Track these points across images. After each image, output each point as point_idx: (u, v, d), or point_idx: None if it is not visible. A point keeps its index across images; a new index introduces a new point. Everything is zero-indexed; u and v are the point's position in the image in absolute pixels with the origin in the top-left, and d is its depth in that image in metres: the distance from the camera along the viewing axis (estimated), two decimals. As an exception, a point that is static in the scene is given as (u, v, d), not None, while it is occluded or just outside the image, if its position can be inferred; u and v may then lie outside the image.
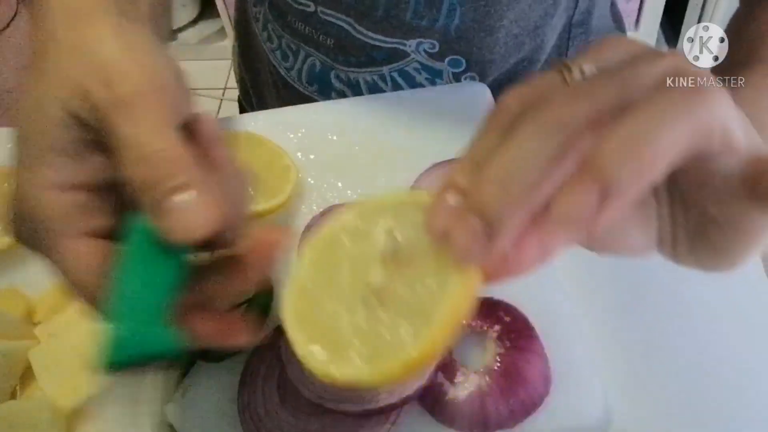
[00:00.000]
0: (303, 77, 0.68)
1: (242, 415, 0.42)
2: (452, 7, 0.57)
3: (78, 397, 0.42)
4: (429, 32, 0.59)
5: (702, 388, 0.45)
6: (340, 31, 0.61)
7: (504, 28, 0.59)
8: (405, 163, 0.54)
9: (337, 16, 0.60)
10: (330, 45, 0.63)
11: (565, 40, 0.65)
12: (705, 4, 1.86)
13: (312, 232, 0.50)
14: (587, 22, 0.65)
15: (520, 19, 0.60)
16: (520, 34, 0.61)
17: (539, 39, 0.62)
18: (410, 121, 0.58)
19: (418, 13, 0.58)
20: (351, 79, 0.65)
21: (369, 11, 0.58)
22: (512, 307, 0.45)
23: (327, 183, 0.54)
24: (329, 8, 0.60)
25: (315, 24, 0.62)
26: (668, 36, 2.08)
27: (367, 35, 0.60)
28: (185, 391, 0.44)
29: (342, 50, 0.63)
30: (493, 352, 0.43)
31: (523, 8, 0.59)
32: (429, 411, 0.42)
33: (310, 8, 0.61)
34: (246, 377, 0.43)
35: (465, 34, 0.59)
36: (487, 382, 0.41)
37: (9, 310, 0.47)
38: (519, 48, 0.62)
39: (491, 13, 0.58)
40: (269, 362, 0.43)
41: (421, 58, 0.61)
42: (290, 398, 0.42)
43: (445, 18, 0.58)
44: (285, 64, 0.69)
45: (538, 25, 0.61)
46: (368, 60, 0.63)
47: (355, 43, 0.61)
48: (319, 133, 0.57)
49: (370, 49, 0.62)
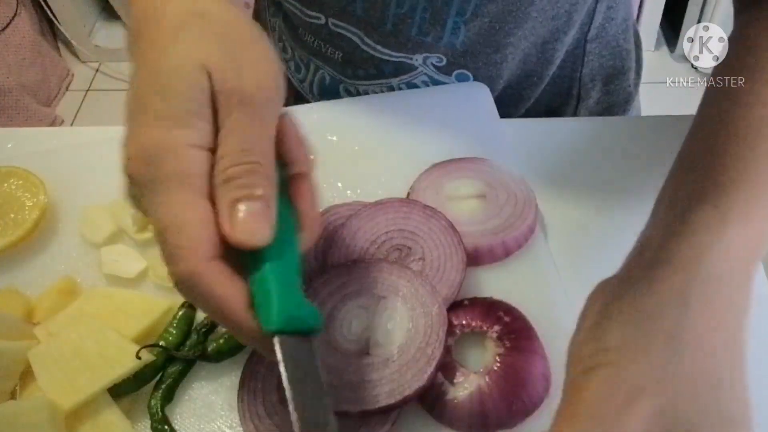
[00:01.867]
0: (314, 89, 0.68)
1: (242, 415, 0.42)
2: (456, 26, 0.57)
3: (78, 397, 0.42)
4: (434, 48, 0.59)
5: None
6: (349, 44, 0.61)
7: (512, 45, 0.59)
8: (405, 163, 0.54)
9: (347, 29, 0.60)
10: (338, 59, 0.63)
11: (581, 56, 0.65)
12: (705, 4, 1.86)
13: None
14: (602, 36, 0.65)
15: (530, 35, 0.59)
16: (529, 50, 0.61)
17: (549, 54, 0.62)
18: (410, 121, 0.58)
19: (423, 29, 0.58)
20: (360, 92, 0.65)
21: (378, 24, 0.58)
22: (512, 308, 0.45)
23: (327, 183, 0.54)
24: (340, 20, 0.60)
25: (324, 36, 0.62)
26: (668, 36, 2.08)
27: (375, 48, 0.60)
28: (185, 391, 0.44)
29: (350, 63, 0.63)
30: (493, 352, 0.43)
31: (534, 25, 0.58)
32: (429, 411, 0.42)
33: (320, 20, 0.61)
34: (246, 377, 0.43)
35: (471, 49, 0.59)
36: (487, 383, 0.41)
37: (9, 310, 0.47)
38: (528, 64, 0.62)
39: (497, 30, 0.57)
40: (269, 362, 0.43)
41: (428, 71, 0.61)
42: (290, 398, 0.42)
43: (450, 35, 0.58)
44: (298, 76, 0.69)
45: (548, 41, 0.61)
46: (377, 73, 0.63)
47: (363, 56, 0.61)
48: (319, 133, 0.57)
49: (377, 62, 0.61)
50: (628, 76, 0.70)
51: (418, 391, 0.40)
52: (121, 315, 0.46)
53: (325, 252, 0.48)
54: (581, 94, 0.68)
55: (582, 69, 0.66)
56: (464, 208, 0.50)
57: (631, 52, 0.69)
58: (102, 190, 0.55)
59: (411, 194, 0.52)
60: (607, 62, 0.67)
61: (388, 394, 0.40)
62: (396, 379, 0.40)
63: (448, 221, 0.48)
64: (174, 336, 0.45)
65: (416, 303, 0.43)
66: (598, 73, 0.67)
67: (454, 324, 0.44)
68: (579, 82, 0.67)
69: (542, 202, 0.51)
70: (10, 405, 0.42)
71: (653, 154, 0.58)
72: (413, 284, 0.44)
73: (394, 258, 0.47)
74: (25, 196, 0.53)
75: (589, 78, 0.67)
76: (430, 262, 0.46)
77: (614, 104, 0.71)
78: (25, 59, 1.88)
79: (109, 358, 0.43)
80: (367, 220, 0.49)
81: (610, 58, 0.67)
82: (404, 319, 0.42)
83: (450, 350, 0.43)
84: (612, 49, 0.66)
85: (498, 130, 0.57)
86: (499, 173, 0.52)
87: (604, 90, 0.69)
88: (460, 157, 0.54)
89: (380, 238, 0.48)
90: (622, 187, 0.56)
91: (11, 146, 0.61)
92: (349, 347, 0.42)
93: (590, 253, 0.52)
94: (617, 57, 0.67)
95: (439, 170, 0.53)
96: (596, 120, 0.66)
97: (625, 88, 0.71)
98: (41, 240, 0.53)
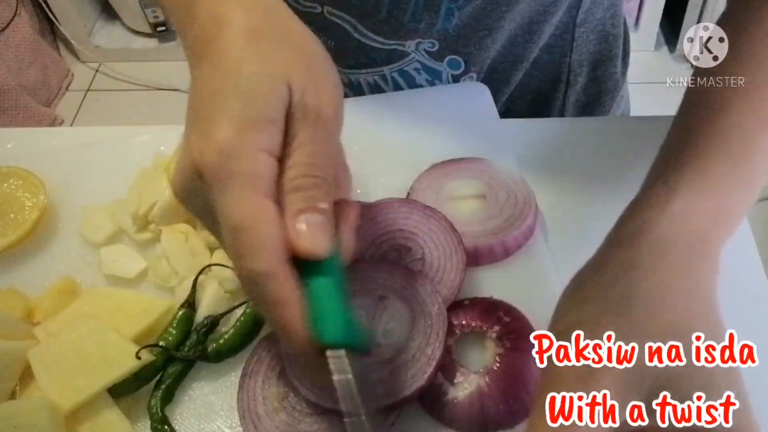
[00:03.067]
0: None
1: (242, 415, 0.42)
2: (450, 11, 0.57)
3: (78, 397, 0.42)
4: (427, 34, 0.59)
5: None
6: (342, 33, 0.61)
7: (502, 28, 0.59)
8: (405, 163, 0.54)
9: (341, 17, 0.60)
10: (330, 47, 0.63)
11: (569, 41, 0.65)
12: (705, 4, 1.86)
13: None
14: (589, 21, 0.65)
15: (519, 17, 0.60)
16: (515, 31, 0.61)
17: (535, 36, 0.62)
18: (410, 121, 0.58)
19: (416, 15, 0.58)
20: (352, 81, 0.65)
21: (373, 11, 0.58)
22: (512, 308, 0.45)
23: (327, 183, 0.54)
24: (335, 8, 0.60)
25: (319, 25, 0.62)
26: (668, 36, 2.08)
27: (368, 36, 0.61)
28: (185, 391, 0.44)
29: (342, 52, 0.63)
30: (493, 352, 0.43)
31: (523, 7, 0.59)
32: (429, 411, 0.42)
33: (316, 9, 0.61)
34: (245, 377, 0.43)
35: (464, 33, 0.59)
36: (487, 383, 0.41)
37: (9, 310, 0.47)
38: (515, 45, 0.62)
39: (489, 12, 0.58)
40: (269, 363, 0.43)
41: (421, 57, 0.61)
42: (289, 399, 0.42)
43: (444, 20, 0.58)
44: None
45: (535, 21, 0.61)
46: (368, 61, 0.63)
47: (354, 44, 0.62)
48: (318, 133, 0.57)
49: (369, 50, 0.62)
50: (615, 63, 0.71)
51: (417, 391, 0.40)
52: (121, 315, 0.46)
53: (325, 252, 0.48)
54: (570, 79, 0.68)
55: (571, 54, 0.66)
56: (464, 208, 0.50)
57: (619, 39, 0.70)
58: (102, 190, 0.55)
59: (411, 194, 0.52)
60: (594, 47, 0.67)
61: (387, 394, 0.40)
62: (396, 379, 0.40)
63: (447, 221, 0.48)
64: (174, 336, 0.45)
65: (416, 303, 0.43)
66: (586, 59, 0.68)
67: (454, 324, 0.44)
68: (568, 67, 0.67)
69: (542, 202, 0.51)
70: (10, 405, 0.42)
71: (653, 155, 0.58)
72: (413, 284, 0.44)
73: (393, 258, 0.47)
74: (24, 196, 0.53)
75: (577, 64, 0.67)
76: (430, 262, 0.46)
77: (602, 92, 0.72)
78: (24, 59, 1.88)
79: (109, 358, 0.43)
80: (366, 220, 0.49)
81: (597, 43, 0.67)
82: (404, 319, 0.43)
83: (450, 350, 0.43)
84: (599, 34, 0.67)
85: (498, 130, 0.57)
86: (499, 173, 0.52)
87: (591, 76, 0.69)
88: (459, 157, 0.54)
89: (380, 238, 0.48)
90: (623, 187, 0.55)
91: (11, 146, 0.61)
92: (349, 347, 0.42)
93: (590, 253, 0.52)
94: (604, 42, 0.68)
95: (438, 170, 0.53)
96: (596, 120, 0.66)
97: (612, 75, 0.71)
98: (41, 240, 0.53)
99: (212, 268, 0.48)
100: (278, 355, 0.43)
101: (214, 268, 0.48)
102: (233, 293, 0.48)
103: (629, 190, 0.56)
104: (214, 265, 0.48)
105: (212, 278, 0.48)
